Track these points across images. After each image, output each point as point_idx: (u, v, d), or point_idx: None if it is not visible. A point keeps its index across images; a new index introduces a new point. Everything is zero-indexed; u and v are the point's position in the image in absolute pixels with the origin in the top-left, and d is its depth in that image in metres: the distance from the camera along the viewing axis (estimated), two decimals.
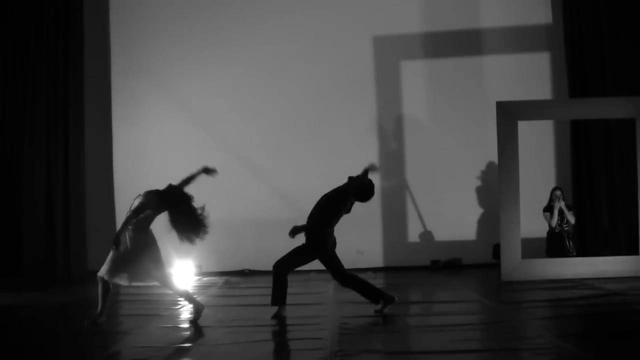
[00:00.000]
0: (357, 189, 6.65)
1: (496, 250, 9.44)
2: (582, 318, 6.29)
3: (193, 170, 10.35)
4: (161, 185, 6.60)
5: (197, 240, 6.28)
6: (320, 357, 5.05)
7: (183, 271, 10.23)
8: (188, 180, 6.56)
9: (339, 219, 6.60)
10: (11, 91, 10.15)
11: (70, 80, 10.13)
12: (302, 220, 6.67)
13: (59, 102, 10.08)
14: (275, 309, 6.45)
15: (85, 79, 10.30)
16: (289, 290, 6.76)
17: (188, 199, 6.32)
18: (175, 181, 6.67)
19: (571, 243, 9.55)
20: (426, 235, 10.60)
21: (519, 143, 8.73)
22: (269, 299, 6.54)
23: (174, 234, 9.98)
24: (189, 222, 6.31)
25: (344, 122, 10.53)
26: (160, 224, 10.26)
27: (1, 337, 6.05)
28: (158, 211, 6.26)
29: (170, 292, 6.67)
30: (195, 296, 6.89)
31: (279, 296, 6.44)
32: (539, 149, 10.39)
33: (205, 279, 9.91)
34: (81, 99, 10.20)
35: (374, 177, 6.97)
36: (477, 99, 10.50)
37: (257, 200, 10.38)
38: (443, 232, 10.55)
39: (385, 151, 10.66)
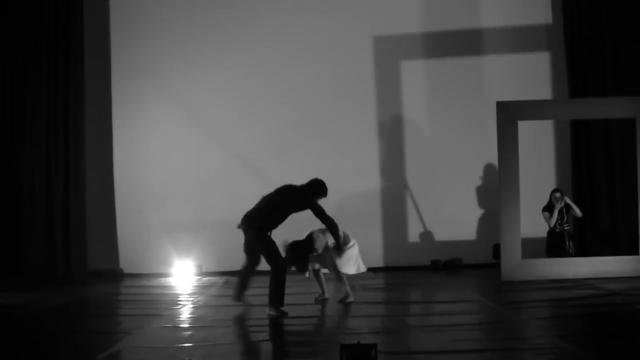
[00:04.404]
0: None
1: (496, 250, 9.44)
2: (582, 318, 6.28)
3: (194, 172, 10.47)
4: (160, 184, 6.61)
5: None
6: (321, 357, 5.05)
7: (183, 271, 10.25)
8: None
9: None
10: (11, 91, 10.14)
11: (71, 80, 10.11)
12: (302, 219, 6.76)
13: (59, 102, 10.07)
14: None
15: (85, 79, 10.28)
16: (290, 290, 6.78)
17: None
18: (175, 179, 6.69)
19: (571, 243, 9.56)
20: (426, 235, 10.61)
21: (519, 143, 8.73)
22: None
23: (174, 234, 10.05)
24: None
25: (345, 122, 10.53)
26: (160, 226, 10.35)
27: (1, 337, 6.05)
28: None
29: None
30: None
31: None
32: (539, 149, 10.39)
33: (205, 279, 9.91)
34: (81, 99, 10.19)
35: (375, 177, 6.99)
36: (477, 98, 10.50)
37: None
38: (443, 232, 10.55)
39: (385, 151, 10.66)
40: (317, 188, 7.07)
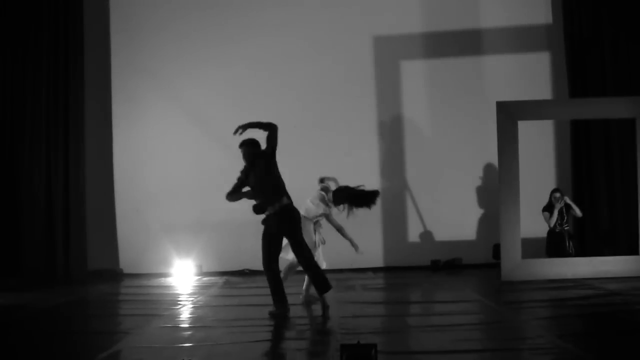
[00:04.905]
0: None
1: (496, 250, 9.44)
2: (582, 318, 6.28)
3: (194, 171, 10.46)
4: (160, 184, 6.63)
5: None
6: (321, 357, 5.05)
7: (183, 271, 10.25)
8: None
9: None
10: (11, 91, 10.15)
11: (71, 80, 10.12)
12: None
13: (59, 101, 10.08)
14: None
15: (85, 78, 10.29)
16: (290, 290, 6.77)
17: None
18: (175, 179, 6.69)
19: (571, 243, 9.56)
20: (426, 235, 10.60)
21: (519, 143, 8.74)
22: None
23: (174, 234, 10.03)
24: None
25: (345, 122, 10.53)
26: (159, 226, 10.35)
27: (1, 337, 6.05)
28: None
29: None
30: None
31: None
32: (539, 149, 10.38)
33: (205, 278, 9.91)
34: (81, 99, 10.19)
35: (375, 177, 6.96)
36: (477, 99, 10.49)
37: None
38: (443, 232, 10.54)
39: (385, 151, 10.66)
40: None
